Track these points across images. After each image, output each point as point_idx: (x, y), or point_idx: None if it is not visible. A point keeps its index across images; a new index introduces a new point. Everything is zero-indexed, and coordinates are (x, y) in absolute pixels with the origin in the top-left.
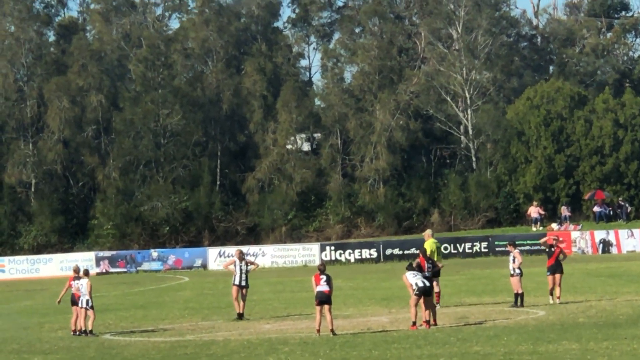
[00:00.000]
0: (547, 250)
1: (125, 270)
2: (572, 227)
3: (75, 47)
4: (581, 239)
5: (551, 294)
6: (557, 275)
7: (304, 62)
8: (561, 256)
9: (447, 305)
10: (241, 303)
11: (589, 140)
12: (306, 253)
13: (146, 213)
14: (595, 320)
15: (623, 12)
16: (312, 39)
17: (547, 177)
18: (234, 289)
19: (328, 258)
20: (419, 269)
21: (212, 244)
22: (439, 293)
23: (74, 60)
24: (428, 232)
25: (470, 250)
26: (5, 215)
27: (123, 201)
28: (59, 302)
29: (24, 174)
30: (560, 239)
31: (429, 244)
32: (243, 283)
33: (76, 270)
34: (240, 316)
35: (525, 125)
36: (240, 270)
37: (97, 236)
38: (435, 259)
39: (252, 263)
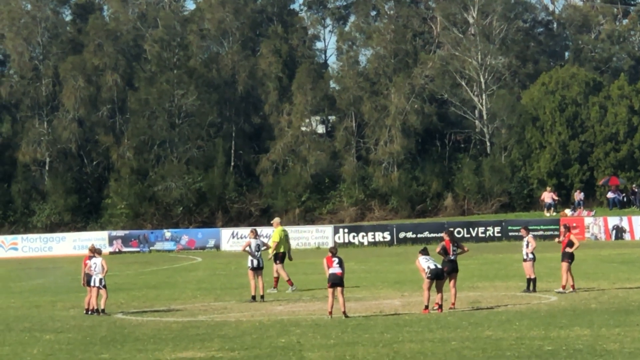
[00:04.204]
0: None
1: (138, 249)
2: (585, 213)
3: (91, 26)
4: (594, 225)
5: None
6: (563, 263)
7: (319, 45)
8: (571, 244)
9: (460, 289)
10: (259, 284)
11: (604, 127)
12: (319, 235)
13: (160, 193)
14: (607, 307)
15: None
16: (328, 21)
17: (561, 163)
18: (250, 273)
19: (341, 240)
20: (444, 251)
21: (226, 224)
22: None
23: (90, 39)
24: (277, 220)
25: (484, 235)
26: (19, 194)
27: (137, 181)
28: (84, 283)
29: (39, 153)
30: (574, 224)
31: (278, 232)
32: (257, 264)
33: (92, 249)
34: (254, 298)
35: (540, 110)
36: (257, 247)
37: (110, 215)
38: (283, 247)
39: (264, 244)
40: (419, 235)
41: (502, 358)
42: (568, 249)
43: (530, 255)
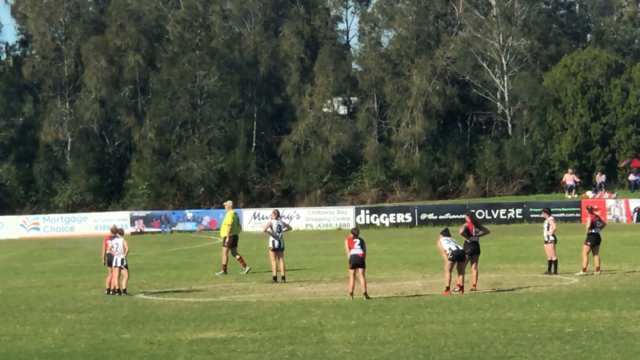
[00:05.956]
0: None
1: (159, 230)
2: (607, 195)
3: (114, 6)
4: (616, 207)
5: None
6: (584, 246)
7: (341, 26)
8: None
9: (481, 271)
10: (281, 265)
11: (625, 109)
12: (341, 216)
13: (181, 173)
14: (629, 289)
15: None
16: (350, 2)
17: (583, 145)
18: (272, 254)
19: (363, 222)
20: (467, 233)
21: (247, 205)
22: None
23: (112, 20)
24: (229, 203)
25: (505, 217)
26: (40, 174)
27: (159, 161)
28: (105, 263)
29: (60, 133)
30: (595, 206)
31: (231, 215)
32: (278, 245)
33: (113, 230)
34: (275, 279)
35: (562, 92)
36: (279, 227)
37: (132, 196)
38: (235, 230)
39: (285, 225)
40: (440, 217)
41: (523, 340)
42: (592, 231)
43: (552, 238)
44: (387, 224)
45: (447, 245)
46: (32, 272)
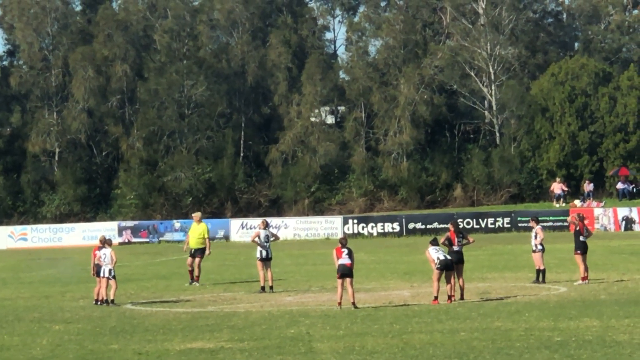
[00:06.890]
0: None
1: (147, 240)
2: (595, 203)
3: (101, 16)
4: (604, 215)
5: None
6: (576, 255)
7: (329, 35)
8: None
9: (470, 280)
10: (268, 275)
11: (613, 117)
12: (329, 226)
13: (169, 183)
14: (617, 298)
15: None
16: (338, 12)
17: (571, 154)
18: (259, 263)
19: (350, 231)
20: (449, 243)
21: (235, 215)
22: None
23: (100, 30)
24: (199, 214)
25: (493, 226)
26: (28, 184)
27: (146, 171)
28: (94, 274)
29: (48, 143)
30: (582, 215)
31: (206, 227)
32: (266, 255)
33: (102, 240)
34: (263, 289)
35: (550, 101)
36: (266, 237)
37: (120, 206)
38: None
39: (273, 235)
40: (428, 226)
41: (512, 349)
42: (581, 238)
43: (540, 247)
44: (375, 234)
45: (435, 254)
46: (20, 283)
